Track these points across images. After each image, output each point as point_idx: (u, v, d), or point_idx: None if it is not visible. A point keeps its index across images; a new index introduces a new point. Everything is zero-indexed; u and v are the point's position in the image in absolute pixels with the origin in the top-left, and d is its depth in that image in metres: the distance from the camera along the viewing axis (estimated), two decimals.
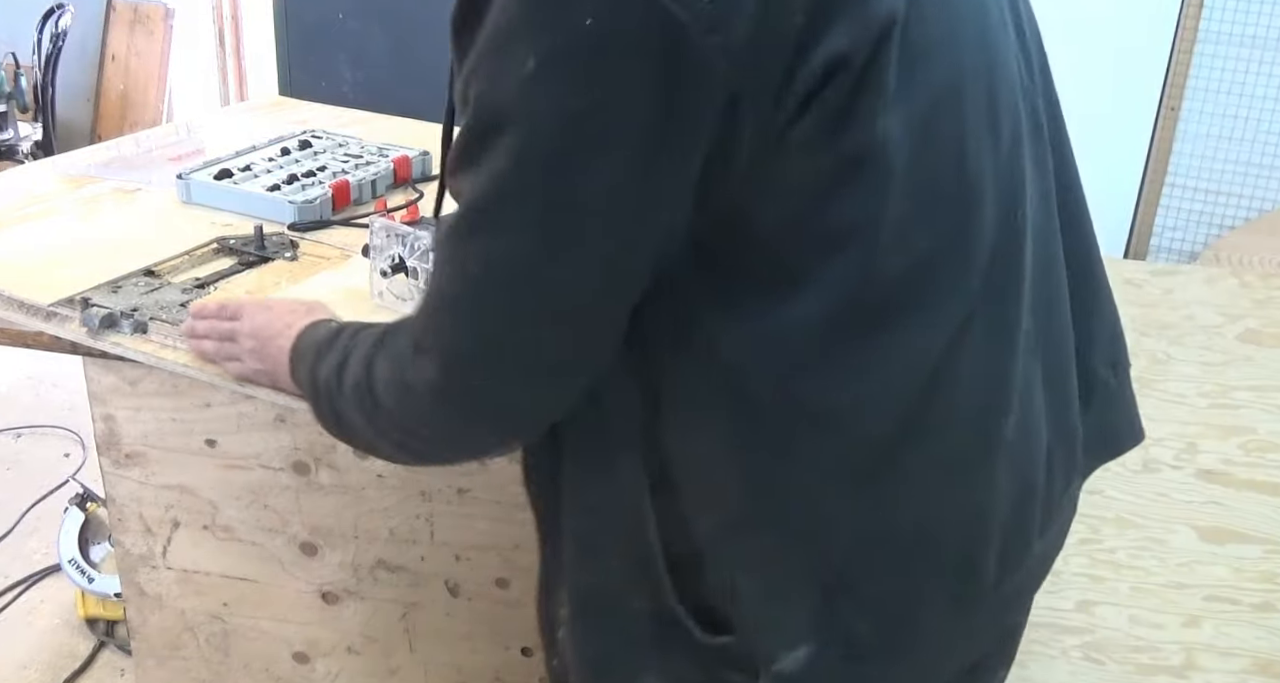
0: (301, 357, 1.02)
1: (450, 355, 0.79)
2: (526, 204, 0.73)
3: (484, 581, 1.43)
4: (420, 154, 1.64)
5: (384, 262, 1.21)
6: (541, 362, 0.79)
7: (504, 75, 0.70)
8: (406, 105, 2.00)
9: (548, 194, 0.72)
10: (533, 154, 0.71)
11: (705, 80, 0.68)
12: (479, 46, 0.72)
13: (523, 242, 0.74)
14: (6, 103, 3.56)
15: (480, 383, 0.80)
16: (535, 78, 0.69)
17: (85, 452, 2.76)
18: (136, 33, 3.87)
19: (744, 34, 0.67)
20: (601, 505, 0.87)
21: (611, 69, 0.68)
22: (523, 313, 0.76)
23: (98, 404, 1.42)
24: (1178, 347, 2.14)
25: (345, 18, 2.50)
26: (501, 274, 0.75)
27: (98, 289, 1.25)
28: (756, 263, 0.76)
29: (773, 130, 0.70)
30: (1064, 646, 1.72)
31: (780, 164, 0.72)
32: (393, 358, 0.85)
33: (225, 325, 1.15)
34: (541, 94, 0.69)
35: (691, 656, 0.87)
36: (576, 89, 0.68)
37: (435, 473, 1.36)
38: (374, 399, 0.86)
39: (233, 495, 1.43)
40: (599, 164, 0.70)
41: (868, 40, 0.70)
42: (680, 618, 0.86)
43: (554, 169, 0.71)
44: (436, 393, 0.81)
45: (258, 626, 1.53)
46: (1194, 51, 2.78)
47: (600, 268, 0.75)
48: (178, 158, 1.67)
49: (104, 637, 2.16)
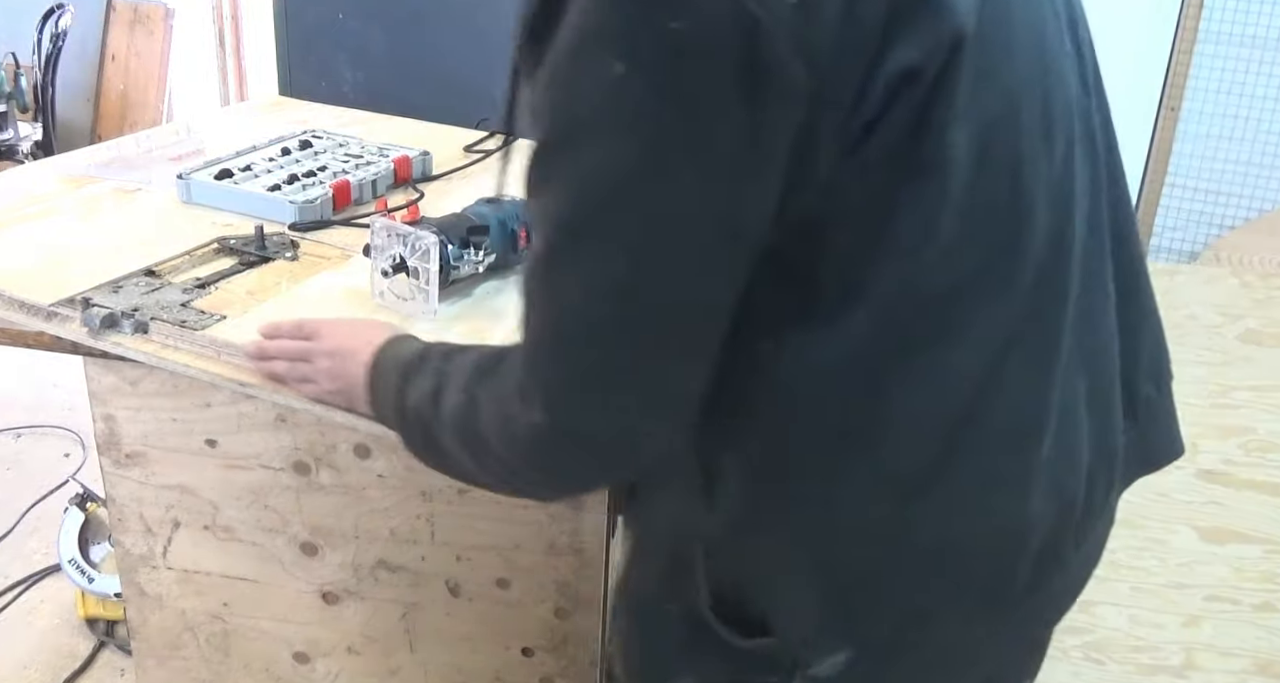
0: (382, 375, 0.99)
1: (556, 395, 0.76)
2: (619, 220, 0.71)
3: (484, 581, 1.43)
4: (420, 154, 1.64)
5: (385, 261, 1.21)
6: (652, 390, 0.77)
7: (587, 83, 0.68)
8: (406, 105, 2.00)
9: (640, 207, 0.70)
10: (622, 166, 0.69)
11: (787, 87, 0.67)
12: (556, 54, 0.69)
13: (618, 263, 0.71)
14: (6, 103, 3.56)
15: (590, 420, 0.77)
16: (622, 84, 0.66)
17: (85, 452, 2.76)
18: (136, 33, 3.87)
19: (825, 41, 0.67)
20: (651, 509, 0.88)
21: (698, 73, 0.66)
22: (627, 339, 0.74)
23: (98, 404, 1.42)
24: (1178, 347, 2.13)
25: (345, 18, 2.50)
26: (600, 299, 0.73)
27: (98, 289, 1.25)
28: (815, 279, 0.76)
29: (848, 140, 0.70)
30: (1064, 646, 1.72)
31: (852, 175, 0.72)
32: (498, 399, 0.81)
33: (300, 345, 1.10)
34: (629, 101, 0.67)
35: (725, 657, 0.88)
36: (665, 95, 0.67)
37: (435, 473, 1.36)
38: (478, 436, 0.83)
39: (233, 495, 1.43)
40: (689, 173, 0.69)
41: (940, 53, 0.70)
42: (713, 622, 0.87)
43: (645, 180, 0.69)
44: (544, 436, 0.78)
45: (258, 626, 1.53)
46: (1194, 51, 2.78)
47: (697, 283, 0.73)
48: (178, 158, 1.67)
49: (104, 637, 2.16)
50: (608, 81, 0.67)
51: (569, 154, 0.70)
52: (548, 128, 0.72)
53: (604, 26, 0.67)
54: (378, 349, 1.01)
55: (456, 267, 1.23)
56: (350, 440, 1.36)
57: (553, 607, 1.43)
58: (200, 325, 1.18)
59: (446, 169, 1.68)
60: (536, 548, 1.39)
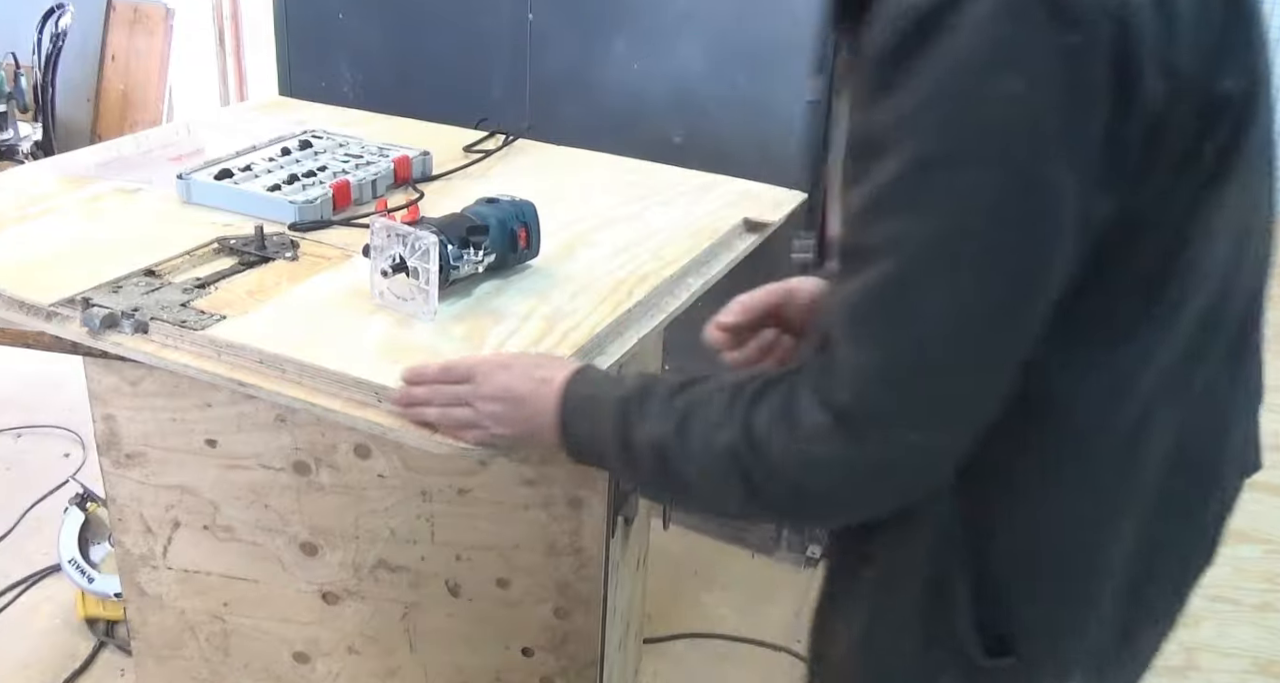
0: (584, 416, 0.96)
1: (883, 423, 0.76)
2: (1003, 240, 0.71)
3: (484, 580, 1.43)
4: (420, 154, 1.64)
5: (384, 262, 1.20)
6: (965, 413, 0.77)
7: (984, 102, 0.68)
8: (406, 105, 2.00)
9: (1023, 225, 0.70)
10: (1013, 183, 0.69)
11: (1146, 104, 0.69)
12: (939, 72, 0.69)
13: (994, 287, 0.72)
14: (6, 103, 3.56)
15: (909, 450, 0.77)
16: (1022, 100, 0.67)
17: (85, 452, 2.76)
18: (136, 33, 3.87)
19: (1180, 61, 0.69)
20: (911, 534, 0.89)
21: (1086, 87, 0.68)
22: (974, 368, 0.75)
23: (98, 404, 1.42)
24: None
25: (345, 18, 2.49)
26: (965, 326, 0.73)
27: (98, 289, 1.25)
28: (1115, 301, 0.77)
29: (1173, 159, 0.72)
30: None
31: (1167, 196, 0.74)
32: (788, 426, 0.80)
33: (454, 390, 1.04)
34: (1028, 117, 0.68)
35: (967, 677, 0.91)
36: (1060, 108, 0.68)
37: (436, 473, 1.36)
38: (759, 463, 0.81)
39: (233, 495, 1.43)
40: (1069, 185, 0.70)
41: (1248, 84, 0.74)
42: (967, 643, 0.89)
43: (1030, 195, 0.70)
44: (853, 464, 0.78)
45: (258, 626, 1.53)
46: None
47: (1042, 302, 0.74)
48: (178, 158, 1.67)
49: (104, 637, 2.16)
50: (1007, 99, 0.67)
51: (951, 172, 0.70)
52: (925, 146, 0.70)
53: (1002, 43, 0.67)
54: (562, 391, 0.97)
55: (456, 267, 1.23)
56: (350, 440, 1.36)
57: (553, 607, 1.43)
58: (200, 325, 1.18)
59: (446, 169, 1.68)
60: (536, 548, 1.39)
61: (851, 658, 0.97)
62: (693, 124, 2.21)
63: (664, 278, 1.35)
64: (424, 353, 1.14)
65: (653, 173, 1.73)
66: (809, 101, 2.06)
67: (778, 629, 2.27)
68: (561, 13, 2.26)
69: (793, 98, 2.11)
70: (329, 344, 1.15)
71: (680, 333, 1.39)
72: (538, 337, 1.19)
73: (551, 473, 1.34)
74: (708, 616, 2.31)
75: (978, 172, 0.70)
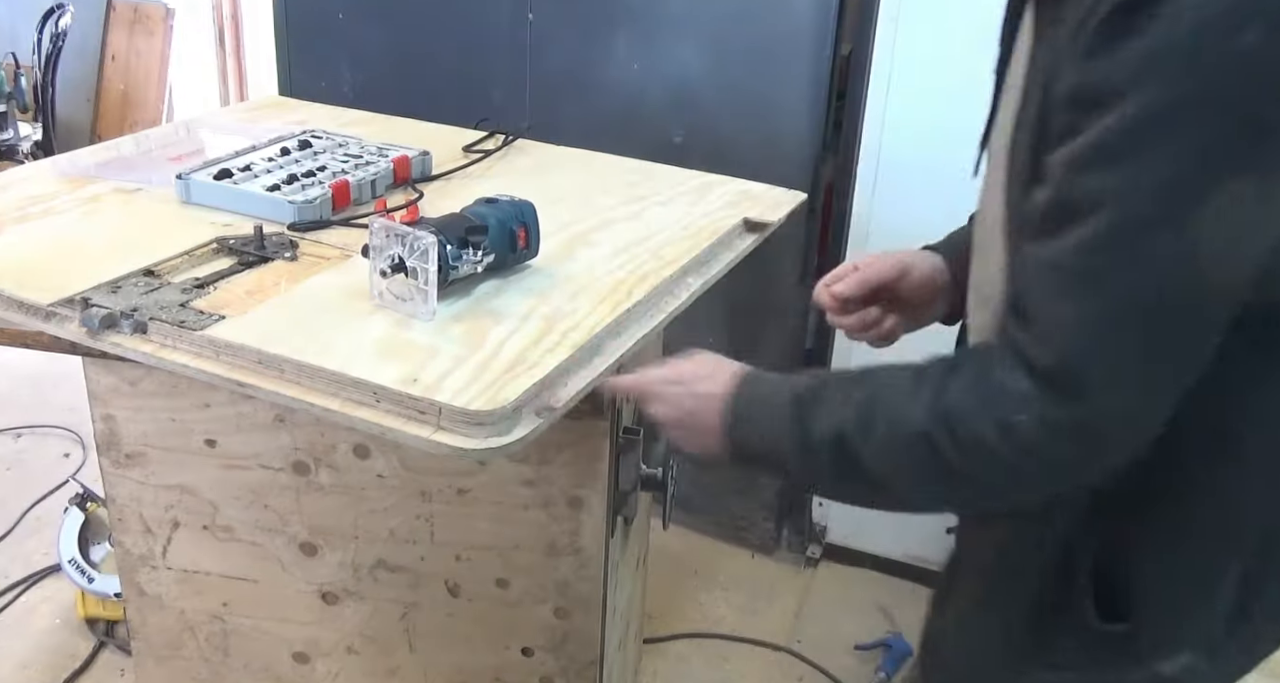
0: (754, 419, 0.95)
1: (1097, 381, 0.77)
2: (1236, 188, 0.72)
3: (484, 580, 1.43)
4: (420, 154, 1.64)
5: (384, 262, 1.20)
6: (1173, 373, 0.78)
7: (1217, 51, 0.69)
8: (406, 105, 2.00)
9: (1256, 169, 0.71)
10: (1248, 127, 0.70)
11: None
12: (1170, 27, 0.70)
13: (1219, 236, 0.73)
14: (6, 103, 3.56)
15: (1119, 410, 0.78)
16: (1261, 49, 0.68)
17: (85, 452, 2.76)
18: (136, 33, 3.87)
19: None
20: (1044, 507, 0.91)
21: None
22: (1184, 314, 0.76)
23: (98, 404, 1.42)
24: None
25: (345, 18, 2.49)
26: (1191, 277, 0.74)
27: (98, 289, 1.25)
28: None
29: None
30: None
31: None
32: (989, 395, 0.81)
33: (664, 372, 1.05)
34: (1264, 69, 0.69)
35: (1081, 640, 0.93)
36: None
37: (435, 473, 1.36)
38: (955, 439, 0.82)
39: (233, 495, 1.43)
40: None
41: None
42: (1083, 606, 0.92)
43: (1264, 139, 0.71)
44: (1060, 427, 0.78)
45: (258, 626, 1.53)
46: None
47: (1250, 257, 0.75)
48: (178, 158, 1.67)
49: (104, 637, 2.16)
50: (1246, 49, 0.68)
51: (1185, 118, 0.70)
52: (1158, 94, 0.71)
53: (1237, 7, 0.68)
54: (728, 397, 0.97)
55: (455, 267, 1.23)
56: (349, 441, 1.36)
57: (552, 607, 1.43)
58: (199, 325, 1.18)
59: (446, 169, 1.68)
60: (536, 548, 1.39)
61: (972, 616, 0.99)
62: (693, 124, 2.21)
63: (664, 278, 1.34)
64: (423, 353, 1.14)
65: (653, 173, 1.73)
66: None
67: (778, 629, 2.27)
68: (561, 13, 2.26)
69: (793, 97, 2.11)
70: (328, 344, 1.15)
71: (680, 333, 1.39)
72: (537, 337, 1.19)
73: (551, 473, 1.34)
74: (708, 616, 2.31)
75: (1214, 116, 0.70)
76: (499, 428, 1.06)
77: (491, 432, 1.05)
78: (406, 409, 1.07)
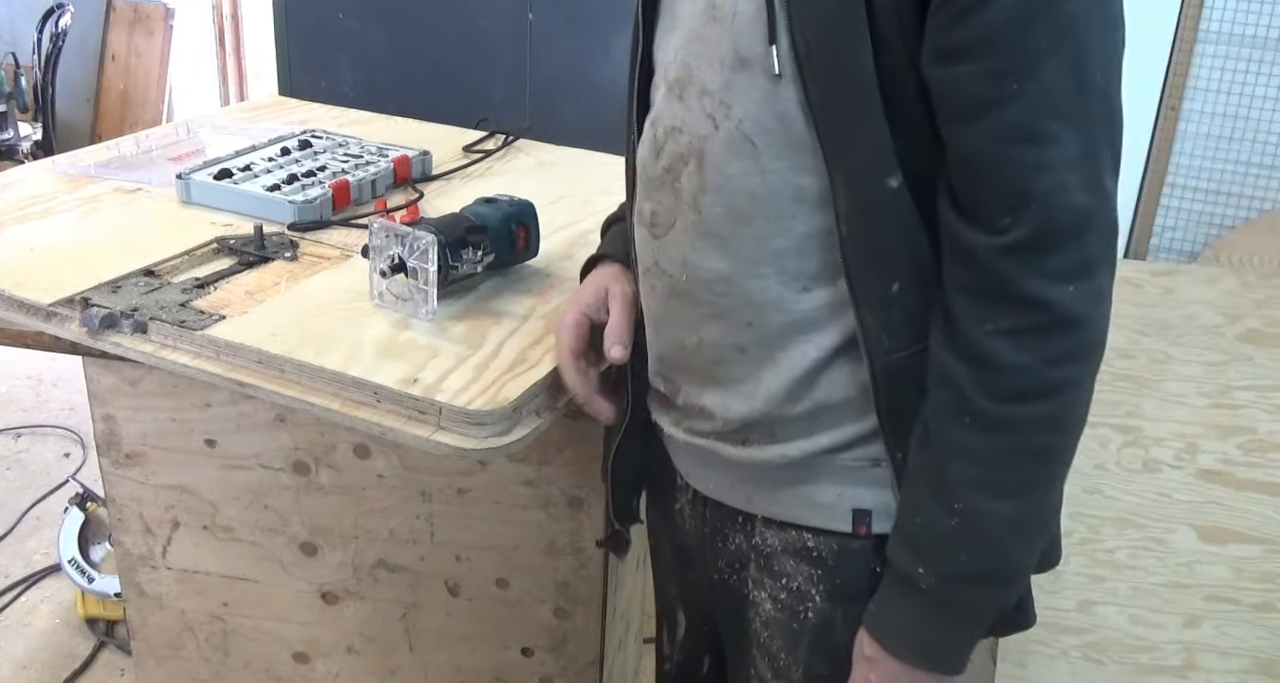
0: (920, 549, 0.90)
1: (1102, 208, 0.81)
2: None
3: (484, 581, 1.43)
4: (420, 154, 1.64)
5: (383, 262, 1.20)
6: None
7: None
8: (406, 105, 2.00)
9: None
10: None
11: None
12: None
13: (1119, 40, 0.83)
14: (6, 103, 3.56)
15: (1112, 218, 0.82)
16: None
17: (85, 452, 2.76)
18: (136, 33, 3.87)
19: None
20: None
21: None
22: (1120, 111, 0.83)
23: (98, 404, 1.42)
24: (1178, 347, 2.14)
25: (345, 18, 2.50)
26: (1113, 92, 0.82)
27: (98, 289, 1.25)
28: None
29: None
30: (1064, 645, 1.72)
31: None
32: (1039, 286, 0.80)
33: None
34: None
35: None
36: None
37: (435, 473, 1.36)
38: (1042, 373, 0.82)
39: (233, 495, 1.43)
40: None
41: None
42: None
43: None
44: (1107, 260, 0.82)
45: (258, 626, 1.53)
46: (1194, 51, 2.78)
47: None
48: (178, 158, 1.67)
49: (104, 637, 2.17)
50: None
51: None
52: None
53: None
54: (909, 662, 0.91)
55: (455, 267, 1.23)
56: (349, 440, 1.36)
57: (552, 607, 1.43)
58: (199, 325, 1.18)
59: (446, 169, 1.68)
60: (536, 548, 1.39)
61: None
62: None
63: None
64: (423, 353, 1.14)
65: None
66: None
67: None
68: (561, 13, 2.27)
69: None
70: (328, 344, 1.15)
71: None
72: (537, 336, 1.19)
73: (551, 473, 1.34)
74: None
75: None
76: (499, 428, 1.06)
77: (492, 432, 1.05)
78: (407, 409, 1.07)
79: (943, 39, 0.80)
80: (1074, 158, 0.79)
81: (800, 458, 0.96)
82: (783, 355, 0.93)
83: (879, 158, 0.84)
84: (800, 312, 0.91)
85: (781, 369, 0.94)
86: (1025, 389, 0.82)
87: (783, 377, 0.94)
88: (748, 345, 0.94)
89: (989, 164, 0.80)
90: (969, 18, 0.78)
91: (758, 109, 0.87)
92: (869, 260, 0.87)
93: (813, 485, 0.97)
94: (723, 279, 0.93)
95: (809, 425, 0.95)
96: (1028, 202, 0.79)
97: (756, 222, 0.90)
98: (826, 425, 0.94)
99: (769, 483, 0.99)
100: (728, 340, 0.95)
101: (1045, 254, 0.80)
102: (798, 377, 0.93)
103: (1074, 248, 0.80)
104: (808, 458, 0.95)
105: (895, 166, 0.84)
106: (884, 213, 0.85)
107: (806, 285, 0.91)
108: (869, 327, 0.88)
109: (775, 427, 0.96)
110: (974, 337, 0.82)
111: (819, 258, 0.89)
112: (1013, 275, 0.80)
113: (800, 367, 0.93)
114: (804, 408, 0.94)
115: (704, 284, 0.95)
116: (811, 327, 0.92)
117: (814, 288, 0.91)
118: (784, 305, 0.92)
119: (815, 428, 0.95)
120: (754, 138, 0.88)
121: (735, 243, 0.92)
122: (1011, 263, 0.80)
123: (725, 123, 0.89)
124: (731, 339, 0.95)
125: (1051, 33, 0.77)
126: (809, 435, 0.95)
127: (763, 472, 0.99)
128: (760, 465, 0.98)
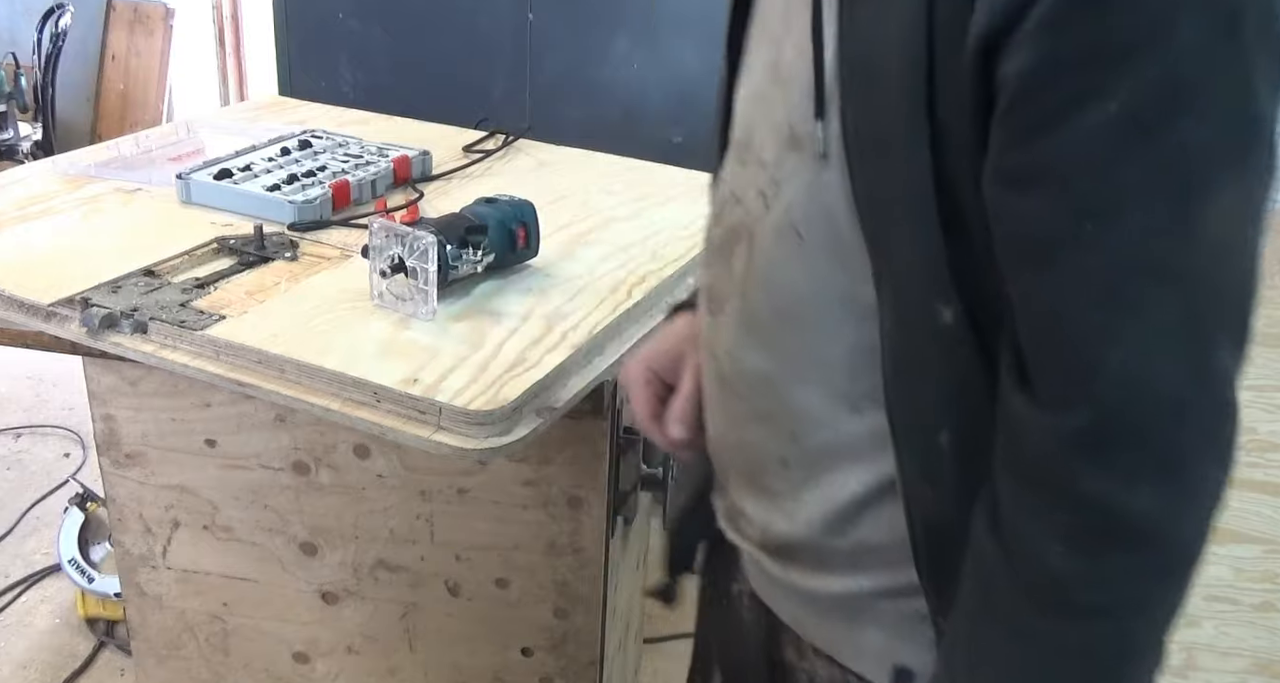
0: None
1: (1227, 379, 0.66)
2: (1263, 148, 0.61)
3: (484, 581, 1.43)
4: (420, 154, 1.64)
5: (383, 262, 1.20)
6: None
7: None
8: (406, 105, 2.00)
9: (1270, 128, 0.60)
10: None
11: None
12: None
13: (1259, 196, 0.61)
14: (6, 103, 3.56)
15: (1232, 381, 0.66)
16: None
17: (85, 452, 2.76)
18: (136, 33, 3.87)
19: None
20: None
21: None
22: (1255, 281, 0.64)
23: (98, 404, 1.42)
24: None
25: (345, 18, 2.50)
26: (1252, 231, 0.62)
27: (98, 289, 1.25)
28: None
29: None
30: None
31: None
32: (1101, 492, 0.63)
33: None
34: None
35: None
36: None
37: (435, 473, 1.36)
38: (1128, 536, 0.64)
39: (233, 496, 1.43)
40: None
41: None
42: None
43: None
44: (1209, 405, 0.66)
45: (258, 626, 1.53)
46: None
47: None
48: (178, 158, 1.67)
49: (104, 637, 2.16)
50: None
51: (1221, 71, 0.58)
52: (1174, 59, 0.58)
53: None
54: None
55: (455, 267, 1.23)
56: (349, 440, 1.36)
57: (552, 607, 1.43)
58: (199, 325, 1.18)
59: (446, 169, 1.68)
60: (536, 548, 1.39)
61: None
62: (693, 124, 2.21)
63: (663, 278, 1.34)
64: (423, 353, 1.14)
65: (653, 173, 1.73)
66: None
67: None
68: (561, 13, 2.27)
69: None
70: (328, 344, 1.15)
71: None
72: (537, 336, 1.19)
73: (551, 473, 1.34)
74: None
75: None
76: (499, 428, 1.06)
77: (492, 432, 1.05)
78: (407, 409, 1.07)
79: (1007, 158, 0.62)
80: (1168, 327, 0.61)
81: (844, 596, 0.82)
82: (827, 479, 0.80)
83: (930, 275, 0.67)
84: (849, 433, 0.77)
85: (824, 494, 0.80)
86: (1078, 604, 0.65)
87: (825, 503, 0.80)
88: (790, 459, 0.81)
89: (1053, 323, 0.63)
90: (1041, 136, 0.60)
91: (804, 196, 0.73)
92: (910, 395, 0.72)
93: (859, 627, 0.83)
94: (765, 379, 0.81)
95: (852, 563, 0.81)
96: (1095, 377, 0.62)
97: (803, 324, 0.77)
98: (869, 567, 0.80)
99: (815, 612, 0.86)
100: (770, 448, 0.83)
101: (1112, 446, 0.62)
102: (838, 508, 0.79)
103: (1153, 442, 0.63)
104: (852, 597, 0.82)
105: (950, 292, 0.67)
106: (932, 346, 0.69)
107: (856, 405, 0.76)
108: (908, 472, 0.73)
109: (820, 555, 0.83)
110: (1021, 529, 0.66)
111: (871, 378, 0.74)
112: (1071, 467, 0.63)
113: (841, 498, 0.79)
114: (847, 544, 0.80)
115: (746, 380, 0.83)
116: (857, 454, 0.77)
117: (865, 410, 0.76)
118: (831, 423, 0.78)
119: (858, 568, 0.81)
120: (799, 228, 0.74)
121: (781, 343, 0.79)
122: (1070, 451, 0.63)
123: (775, 205, 0.76)
124: (774, 447, 0.82)
125: (1149, 167, 0.59)
126: (852, 574, 0.81)
127: (810, 600, 0.86)
128: (806, 594, 0.85)
